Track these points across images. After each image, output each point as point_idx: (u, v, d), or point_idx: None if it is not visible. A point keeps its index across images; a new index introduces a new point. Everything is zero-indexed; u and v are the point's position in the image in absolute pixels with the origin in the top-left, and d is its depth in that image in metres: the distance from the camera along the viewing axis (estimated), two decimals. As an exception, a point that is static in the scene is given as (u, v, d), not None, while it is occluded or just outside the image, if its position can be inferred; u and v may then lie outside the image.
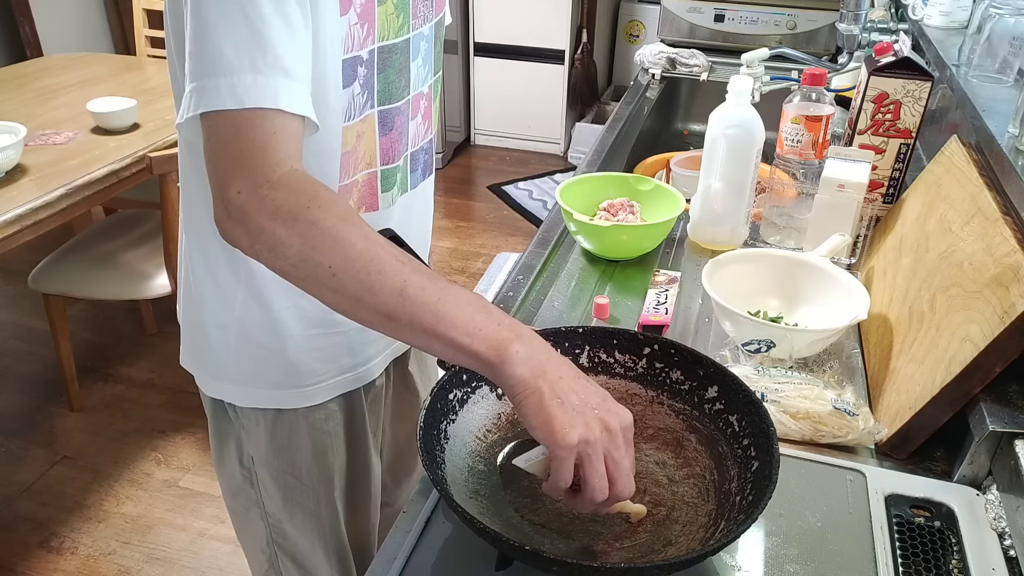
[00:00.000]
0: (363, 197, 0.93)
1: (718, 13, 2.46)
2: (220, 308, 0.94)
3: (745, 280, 1.11)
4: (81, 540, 1.98)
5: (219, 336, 0.96)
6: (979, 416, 0.82)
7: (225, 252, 0.91)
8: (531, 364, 0.63)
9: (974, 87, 1.22)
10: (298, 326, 0.95)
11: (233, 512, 1.14)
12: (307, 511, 1.09)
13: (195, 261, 0.94)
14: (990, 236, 0.91)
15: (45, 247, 2.23)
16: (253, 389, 0.98)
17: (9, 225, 1.71)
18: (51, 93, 2.40)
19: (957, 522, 0.80)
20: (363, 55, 0.80)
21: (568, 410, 0.62)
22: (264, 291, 0.92)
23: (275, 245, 0.66)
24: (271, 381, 0.98)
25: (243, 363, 0.96)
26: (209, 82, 0.66)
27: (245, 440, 1.04)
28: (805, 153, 1.33)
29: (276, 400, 0.99)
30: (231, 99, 0.66)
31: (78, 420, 2.38)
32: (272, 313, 0.93)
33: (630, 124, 1.94)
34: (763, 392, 0.92)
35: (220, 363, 0.97)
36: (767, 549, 0.77)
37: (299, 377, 0.98)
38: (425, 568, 0.75)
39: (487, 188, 3.89)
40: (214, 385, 1.00)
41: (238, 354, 0.96)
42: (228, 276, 0.92)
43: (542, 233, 1.38)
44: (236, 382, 0.98)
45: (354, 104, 0.83)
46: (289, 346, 0.95)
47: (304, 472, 1.05)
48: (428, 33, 0.91)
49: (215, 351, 0.97)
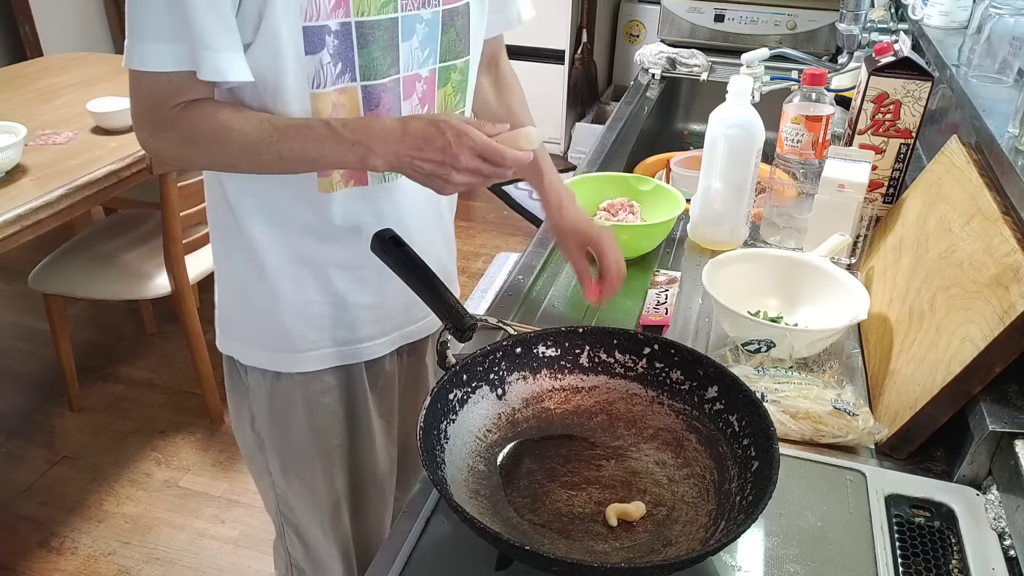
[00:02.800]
0: (351, 171, 0.95)
1: (718, 13, 2.46)
2: (226, 268, 1.04)
3: (745, 280, 1.11)
4: (81, 540, 1.98)
5: (226, 293, 1.05)
6: (979, 416, 0.82)
7: (227, 215, 0.98)
8: (386, 159, 0.83)
9: (974, 87, 1.22)
10: (294, 293, 1.00)
11: (253, 476, 1.19)
12: (304, 483, 1.12)
13: (211, 226, 1.06)
14: (990, 236, 0.91)
15: (45, 247, 2.22)
16: (254, 349, 1.05)
17: (9, 225, 1.71)
18: (51, 93, 2.40)
19: (957, 522, 0.80)
20: (331, 25, 0.85)
21: (431, 183, 0.84)
22: (262, 257, 0.98)
23: (187, 164, 0.92)
24: (268, 343, 1.04)
25: (245, 323, 1.04)
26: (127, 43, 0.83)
27: (251, 401, 1.09)
28: (805, 153, 1.33)
29: (273, 362, 1.04)
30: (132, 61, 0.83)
31: (78, 420, 2.38)
32: (269, 278, 0.99)
33: (630, 124, 1.94)
34: (763, 392, 0.92)
35: (228, 320, 1.07)
36: (767, 549, 0.77)
37: (292, 342, 1.03)
38: (425, 568, 0.75)
39: (487, 188, 3.89)
40: (224, 341, 1.08)
41: (241, 314, 1.04)
42: (231, 240, 1.00)
43: (542, 233, 1.38)
44: (241, 340, 1.06)
45: (323, 72, 0.87)
46: (285, 312, 1.01)
47: (300, 444, 1.09)
48: (430, 18, 0.91)
49: (223, 308, 1.07)
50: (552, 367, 0.90)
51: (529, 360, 0.89)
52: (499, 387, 0.87)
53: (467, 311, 0.86)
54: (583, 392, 0.89)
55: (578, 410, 0.88)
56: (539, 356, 0.89)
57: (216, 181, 0.98)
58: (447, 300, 0.85)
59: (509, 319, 1.13)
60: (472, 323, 0.85)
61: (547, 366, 0.89)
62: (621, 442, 0.85)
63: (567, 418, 0.88)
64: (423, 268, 0.87)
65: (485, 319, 0.90)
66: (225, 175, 0.96)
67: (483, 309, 1.27)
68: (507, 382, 0.87)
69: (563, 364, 0.90)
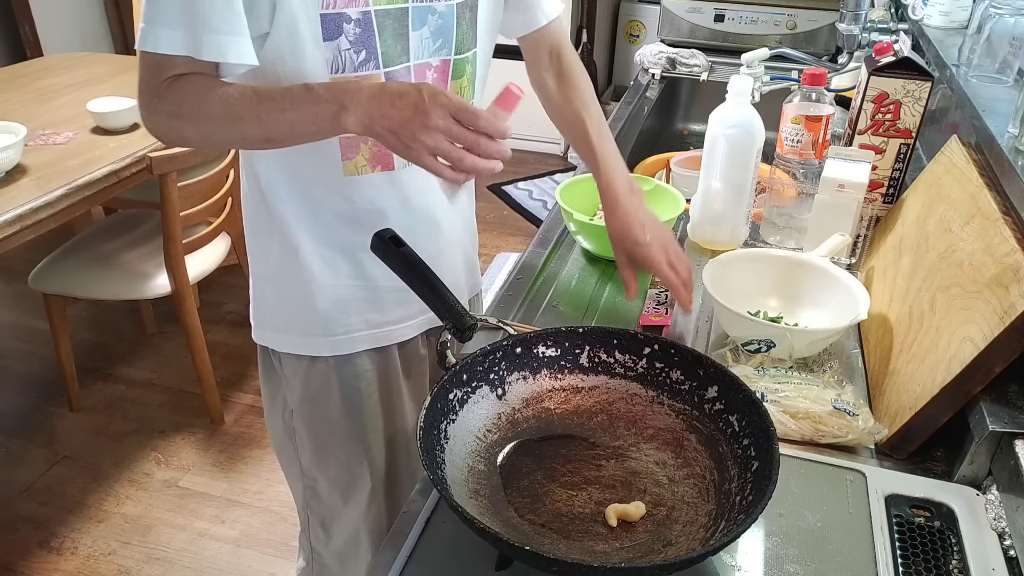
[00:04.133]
0: (376, 156, 0.98)
1: (718, 13, 2.46)
2: (260, 260, 1.07)
3: (745, 280, 1.11)
4: (81, 540, 1.98)
5: (260, 286, 1.08)
6: (979, 416, 0.82)
7: (261, 204, 1.01)
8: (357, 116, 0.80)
9: (974, 87, 1.22)
10: (326, 277, 1.03)
11: (282, 468, 1.22)
12: (340, 465, 1.14)
13: (245, 218, 1.07)
14: (990, 236, 0.91)
15: (45, 247, 2.22)
16: (288, 336, 1.08)
17: (9, 225, 1.71)
18: (51, 93, 2.40)
19: (957, 522, 0.80)
20: (350, 13, 0.87)
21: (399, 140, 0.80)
22: (295, 241, 1.01)
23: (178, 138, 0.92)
24: (303, 329, 1.06)
25: (280, 311, 1.07)
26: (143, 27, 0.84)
27: (286, 389, 1.11)
28: (805, 153, 1.33)
29: (309, 347, 1.07)
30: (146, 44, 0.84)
31: (78, 420, 2.38)
32: (302, 264, 1.02)
33: (630, 124, 1.94)
34: (763, 392, 0.92)
35: (262, 311, 1.09)
36: (767, 549, 0.77)
37: (327, 326, 1.05)
38: (425, 568, 0.75)
39: (487, 188, 3.89)
40: (259, 332, 1.11)
41: (276, 302, 1.07)
42: (265, 228, 1.03)
43: (542, 233, 1.38)
44: (275, 329, 1.09)
45: (342, 58, 0.89)
46: (318, 296, 1.03)
47: (334, 429, 1.11)
48: (444, 10, 0.94)
49: (258, 301, 1.10)
50: (552, 367, 0.90)
51: (529, 360, 0.89)
52: (499, 387, 0.87)
53: (467, 311, 0.86)
54: (583, 392, 0.89)
55: (578, 410, 0.88)
56: (539, 356, 0.89)
57: (250, 169, 1.01)
58: (447, 300, 0.85)
59: (509, 319, 1.13)
60: (472, 323, 0.85)
61: (547, 366, 0.89)
62: (621, 442, 0.85)
63: (567, 418, 0.88)
64: (423, 268, 0.87)
65: (485, 319, 0.90)
66: (257, 161, 0.98)
67: (483, 309, 1.27)
68: (507, 382, 0.87)
69: (563, 364, 0.90)
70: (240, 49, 0.84)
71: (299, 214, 0.99)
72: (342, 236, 1.01)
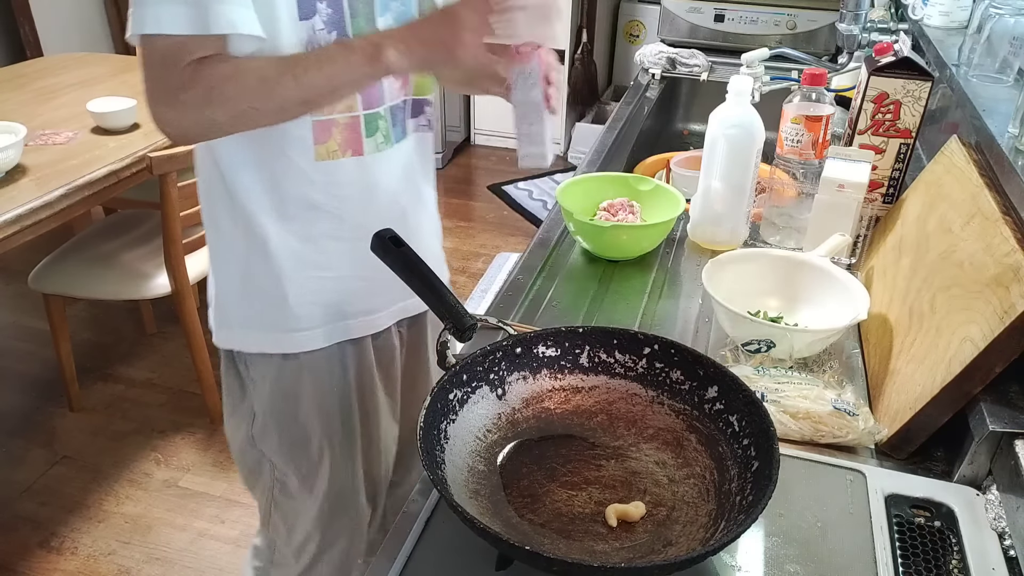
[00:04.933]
0: (347, 140, 0.97)
1: (718, 13, 2.46)
2: (225, 259, 1.03)
3: (745, 280, 1.11)
4: (81, 540, 1.98)
5: (226, 286, 1.05)
6: (979, 416, 0.82)
7: (226, 199, 0.98)
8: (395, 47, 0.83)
9: (974, 87, 1.22)
10: (294, 268, 1.01)
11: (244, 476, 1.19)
12: (312, 463, 1.12)
13: (205, 215, 1.04)
14: (990, 236, 0.91)
15: (45, 247, 2.22)
16: (258, 333, 1.05)
17: (9, 225, 1.71)
18: (51, 93, 2.39)
19: (957, 522, 0.80)
20: None
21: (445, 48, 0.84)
22: (262, 232, 0.98)
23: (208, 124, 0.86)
24: (274, 324, 1.04)
25: (247, 308, 1.04)
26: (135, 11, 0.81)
27: (253, 395, 1.08)
28: (805, 153, 1.33)
29: (280, 344, 1.05)
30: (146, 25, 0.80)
31: (78, 420, 2.38)
32: (271, 254, 1.00)
33: (630, 124, 1.94)
34: (763, 392, 0.92)
35: (227, 312, 1.06)
36: (767, 549, 0.77)
37: (297, 320, 1.04)
38: (425, 568, 0.75)
39: (487, 188, 3.89)
40: (225, 335, 1.07)
41: (244, 300, 1.04)
42: (228, 225, 1.00)
43: (542, 233, 1.38)
44: (243, 327, 1.05)
45: (316, 38, 0.90)
46: (289, 290, 1.02)
47: (307, 427, 1.09)
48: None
49: (223, 302, 1.06)
50: (552, 367, 0.89)
51: (529, 360, 0.89)
52: (499, 387, 0.87)
53: (467, 311, 0.86)
54: (583, 392, 0.89)
55: (578, 410, 0.88)
56: (539, 356, 0.89)
57: (210, 160, 0.98)
58: (447, 300, 0.85)
59: (509, 319, 1.13)
60: (472, 323, 0.85)
61: (547, 366, 0.89)
62: (621, 442, 0.85)
63: (567, 418, 0.88)
64: (423, 268, 0.87)
65: (485, 319, 0.90)
66: (220, 150, 0.95)
67: (483, 309, 1.27)
68: (507, 382, 0.87)
69: (563, 364, 0.90)
70: (249, 18, 0.83)
71: (266, 205, 0.97)
72: (310, 225, 0.99)
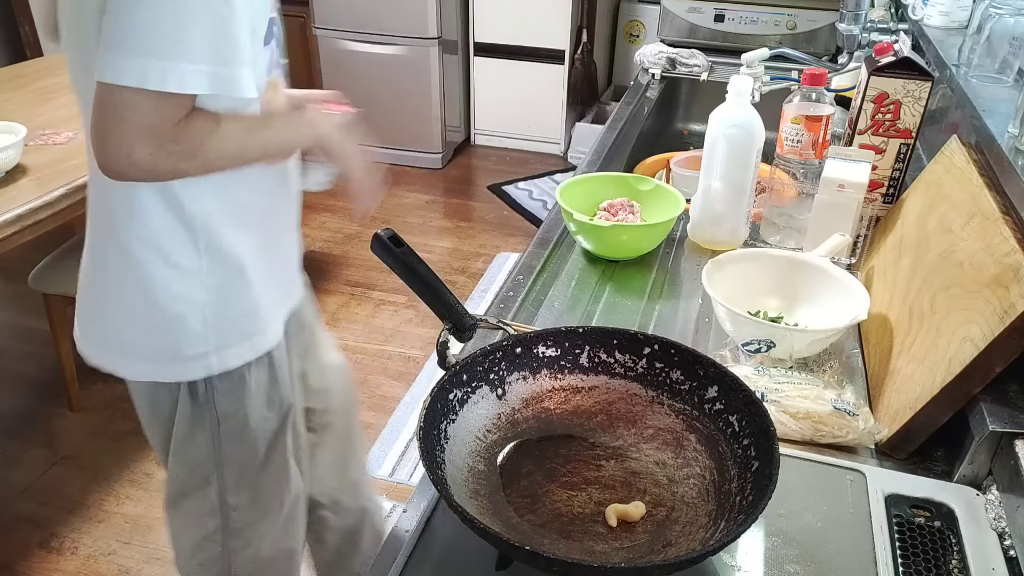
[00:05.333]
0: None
1: (718, 13, 2.46)
2: (183, 287, 0.97)
3: (745, 280, 1.11)
4: (81, 540, 1.98)
5: (189, 313, 0.98)
6: (979, 416, 0.82)
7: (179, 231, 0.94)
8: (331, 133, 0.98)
9: (974, 87, 1.22)
10: (258, 259, 1.01)
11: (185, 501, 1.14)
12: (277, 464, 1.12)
13: (132, 261, 0.96)
14: (990, 236, 0.91)
15: (45, 247, 2.22)
16: (235, 346, 1.02)
17: (9, 225, 1.71)
18: (51, 93, 2.39)
19: (957, 522, 0.80)
20: (275, 16, 0.94)
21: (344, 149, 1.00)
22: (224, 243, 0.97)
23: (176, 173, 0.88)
24: (247, 331, 1.02)
25: (220, 326, 1.00)
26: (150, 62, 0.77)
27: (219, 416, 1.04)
28: (805, 153, 1.33)
29: (254, 348, 1.04)
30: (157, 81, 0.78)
31: (78, 420, 2.37)
32: (237, 262, 0.99)
33: (630, 124, 1.94)
34: (763, 392, 0.92)
35: (194, 341, 0.99)
36: (767, 549, 0.77)
37: (262, 317, 1.04)
38: (425, 568, 0.75)
39: (487, 188, 3.89)
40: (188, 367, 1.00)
41: (215, 320, 0.99)
42: (186, 252, 0.96)
43: (542, 233, 1.38)
44: (218, 346, 1.00)
45: (272, 60, 0.96)
46: (257, 288, 1.02)
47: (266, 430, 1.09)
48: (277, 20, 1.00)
49: (188, 332, 0.98)
50: (552, 367, 0.89)
51: (529, 360, 0.89)
52: (499, 387, 0.87)
53: (467, 311, 0.86)
54: (583, 392, 0.89)
55: (578, 410, 0.88)
56: (539, 356, 0.89)
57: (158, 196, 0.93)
58: (447, 300, 0.85)
59: (509, 319, 1.13)
60: (472, 323, 0.85)
61: (547, 366, 0.89)
62: (621, 442, 0.85)
63: (567, 418, 0.88)
64: (422, 267, 0.87)
65: (485, 319, 0.90)
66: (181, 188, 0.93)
67: (483, 309, 1.27)
68: (507, 382, 0.87)
69: (563, 364, 0.90)
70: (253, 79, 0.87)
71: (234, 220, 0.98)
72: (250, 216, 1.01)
